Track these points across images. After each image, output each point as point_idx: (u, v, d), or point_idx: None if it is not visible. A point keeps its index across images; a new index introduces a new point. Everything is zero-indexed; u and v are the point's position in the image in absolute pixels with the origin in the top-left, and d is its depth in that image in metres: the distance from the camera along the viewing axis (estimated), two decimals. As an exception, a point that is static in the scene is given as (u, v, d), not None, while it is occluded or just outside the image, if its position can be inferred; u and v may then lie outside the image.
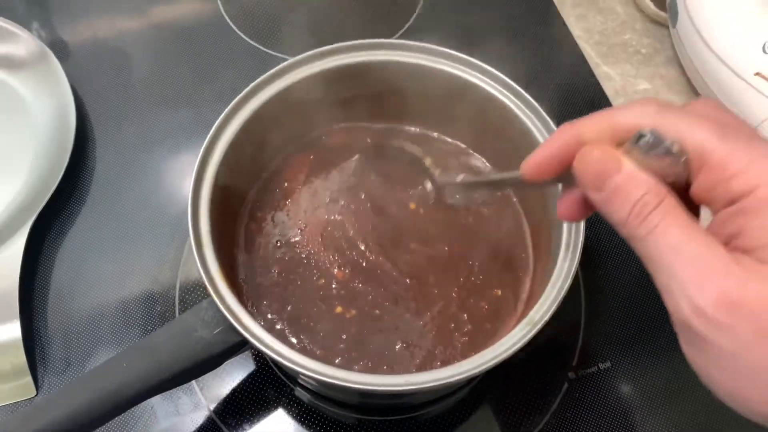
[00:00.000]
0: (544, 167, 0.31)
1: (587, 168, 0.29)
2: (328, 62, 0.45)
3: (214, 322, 0.37)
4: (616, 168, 0.28)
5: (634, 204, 0.27)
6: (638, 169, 0.27)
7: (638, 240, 0.27)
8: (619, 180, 0.27)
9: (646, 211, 0.26)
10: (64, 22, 0.68)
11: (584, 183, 0.29)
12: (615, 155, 0.28)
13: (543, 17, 0.68)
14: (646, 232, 0.26)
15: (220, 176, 0.42)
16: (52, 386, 0.49)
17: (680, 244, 0.26)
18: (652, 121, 0.27)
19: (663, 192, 0.27)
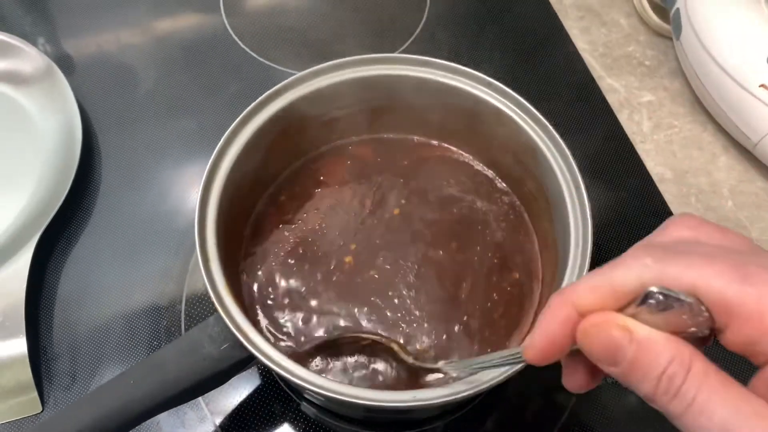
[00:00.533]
0: (550, 354, 0.27)
1: (594, 344, 0.25)
2: (334, 77, 0.45)
3: (221, 338, 0.37)
4: (627, 338, 0.24)
5: (659, 378, 0.23)
6: (652, 332, 0.23)
7: (675, 417, 0.23)
8: (633, 351, 0.24)
9: (676, 385, 0.23)
10: (70, 37, 0.68)
11: (595, 360, 0.25)
12: (622, 323, 0.24)
13: (546, 30, 0.68)
14: (681, 409, 0.23)
15: (227, 190, 0.42)
16: (58, 402, 0.49)
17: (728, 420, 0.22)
18: (655, 275, 0.24)
19: (688, 355, 0.23)
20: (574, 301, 0.25)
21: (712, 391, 0.22)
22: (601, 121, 0.62)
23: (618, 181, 0.59)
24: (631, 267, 0.25)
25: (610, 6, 0.70)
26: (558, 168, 0.42)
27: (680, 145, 0.61)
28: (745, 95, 0.56)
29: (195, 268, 0.54)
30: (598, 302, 0.25)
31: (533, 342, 0.27)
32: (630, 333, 0.24)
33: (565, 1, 0.70)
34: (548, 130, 0.43)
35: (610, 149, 0.61)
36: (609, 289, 0.25)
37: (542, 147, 0.43)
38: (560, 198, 0.42)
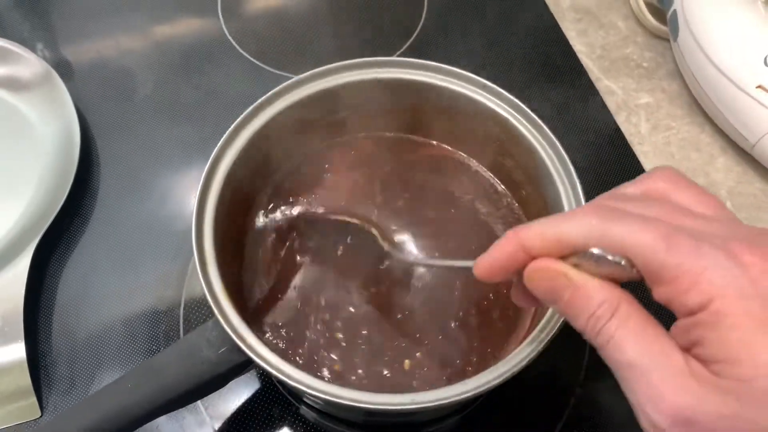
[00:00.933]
0: (495, 273, 0.31)
1: (537, 286, 0.29)
2: (331, 81, 0.45)
3: (218, 342, 0.37)
4: (565, 284, 0.28)
5: (589, 318, 0.27)
6: (588, 278, 0.27)
7: (598, 348, 0.27)
8: (570, 294, 0.28)
9: (601, 323, 0.26)
10: (68, 43, 0.69)
11: (539, 297, 0.29)
12: (562, 270, 0.28)
13: (544, 33, 0.68)
14: (603, 343, 0.26)
15: (224, 194, 0.42)
16: (57, 407, 0.49)
17: (635, 357, 0.25)
18: (597, 234, 0.27)
19: (617, 299, 0.27)
20: (524, 242, 0.29)
21: (629, 332, 0.26)
22: (599, 123, 0.62)
23: (616, 183, 0.58)
24: (579, 224, 0.28)
25: (607, 8, 0.70)
26: (555, 171, 0.42)
27: (678, 146, 0.61)
28: (742, 96, 0.56)
29: (193, 273, 0.54)
30: (544, 248, 0.28)
31: (482, 262, 0.31)
32: (568, 279, 0.28)
33: (563, 4, 0.70)
34: (545, 132, 0.43)
35: (608, 151, 0.61)
36: (555, 240, 0.28)
37: (540, 150, 0.43)
38: (558, 201, 0.42)
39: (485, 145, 0.48)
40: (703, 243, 0.25)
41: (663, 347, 0.25)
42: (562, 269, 0.28)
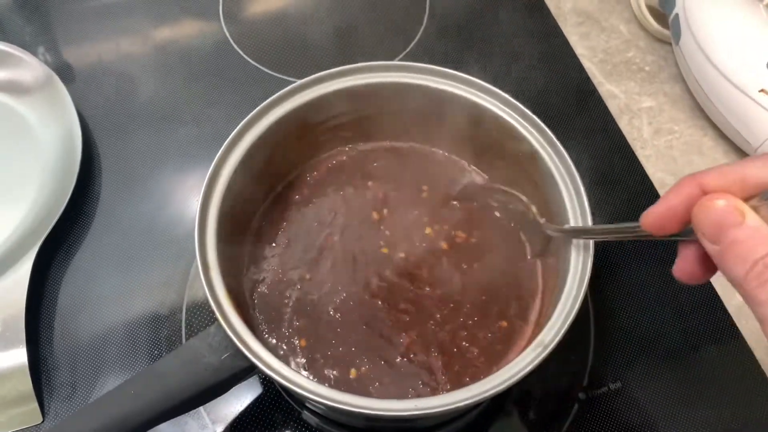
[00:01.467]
0: (666, 221, 0.29)
1: (707, 216, 0.27)
2: (334, 84, 0.45)
3: (221, 348, 0.37)
4: (739, 220, 0.26)
5: (755, 263, 0.25)
6: (763, 224, 0.25)
7: (756, 303, 0.25)
8: (740, 233, 0.25)
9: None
10: (69, 46, 0.68)
11: (701, 232, 0.27)
12: (740, 206, 0.26)
13: (546, 36, 0.68)
14: (766, 296, 0.24)
15: (227, 198, 0.42)
16: (59, 412, 0.49)
17: None
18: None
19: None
20: (701, 181, 0.27)
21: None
22: (601, 127, 0.62)
23: (618, 186, 0.59)
24: (765, 164, 0.26)
25: (609, 12, 0.70)
26: (558, 174, 0.42)
27: (680, 150, 0.61)
28: (745, 100, 0.56)
29: (195, 277, 0.54)
30: (725, 186, 0.27)
31: (652, 209, 0.29)
32: (743, 217, 0.25)
33: (564, 8, 0.70)
34: (548, 136, 0.43)
35: (610, 155, 0.61)
36: (738, 177, 0.26)
37: (542, 153, 0.43)
38: (561, 204, 0.42)
39: (488, 149, 0.48)
40: None
41: None
42: (738, 204, 0.26)
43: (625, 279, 0.54)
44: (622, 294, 0.53)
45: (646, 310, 0.52)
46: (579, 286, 0.38)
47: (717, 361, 0.50)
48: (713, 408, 0.49)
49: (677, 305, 0.52)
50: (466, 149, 0.49)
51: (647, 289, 0.53)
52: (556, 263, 0.43)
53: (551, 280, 0.44)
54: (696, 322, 0.52)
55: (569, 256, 0.40)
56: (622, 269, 0.54)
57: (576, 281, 0.38)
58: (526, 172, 0.45)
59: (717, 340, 0.51)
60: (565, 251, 0.41)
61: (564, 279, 0.39)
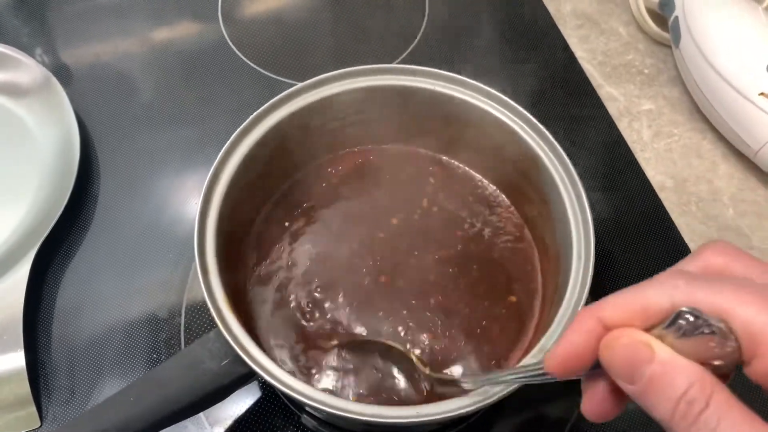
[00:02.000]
0: (571, 363, 0.26)
1: (614, 357, 0.25)
2: (334, 87, 0.45)
3: (221, 354, 0.37)
4: (649, 355, 0.23)
5: (678, 401, 0.23)
6: (675, 355, 0.23)
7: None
8: (653, 369, 0.23)
9: (696, 410, 0.22)
10: (67, 48, 0.68)
11: (615, 374, 0.25)
12: (645, 340, 0.24)
13: (545, 39, 0.68)
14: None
15: (227, 200, 0.42)
16: (57, 417, 0.49)
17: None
18: (687, 298, 0.23)
19: (710, 383, 0.22)
20: (601, 315, 0.25)
21: (736, 424, 0.22)
22: (601, 130, 0.62)
23: (618, 189, 0.59)
24: (663, 286, 0.24)
25: (608, 14, 0.70)
26: (559, 177, 0.42)
27: (680, 153, 0.61)
28: (744, 103, 0.56)
29: (194, 280, 0.54)
30: (626, 318, 0.25)
31: (555, 352, 0.27)
32: (652, 351, 0.23)
33: (564, 10, 0.70)
34: (548, 139, 0.43)
35: (610, 158, 0.61)
36: (638, 307, 0.25)
37: (543, 157, 0.43)
38: (561, 207, 0.42)
39: (487, 153, 0.47)
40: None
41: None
42: (645, 338, 0.24)
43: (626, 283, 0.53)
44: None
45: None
46: (580, 292, 0.38)
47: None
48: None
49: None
50: (466, 152, 0.49)
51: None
52: (556, 265, 0.43)
53: (551, 285, 0.43)
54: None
55: (570, 259, 0.40)
56: (623, 273, 0.54)
57: (577, 287, 0.38)
58: (527, 175, 0.45)
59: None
60: (566, 255, 0.40)
61: (565, 284, 0.39)
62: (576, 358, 0.26)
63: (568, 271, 0.39)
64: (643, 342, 0.24)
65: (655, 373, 0.23)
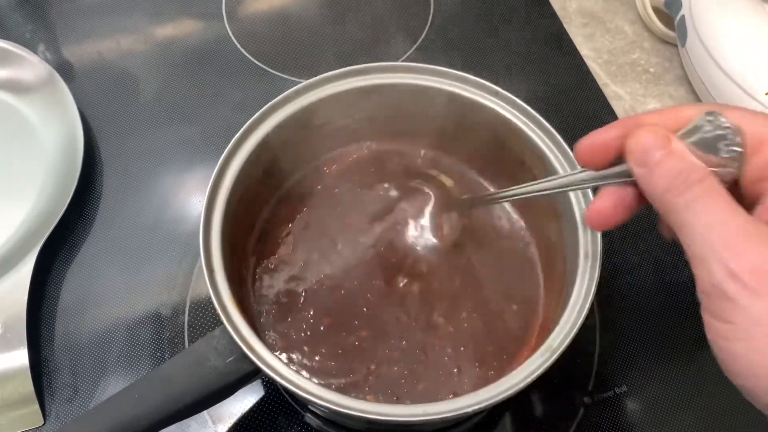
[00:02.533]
0: (597, 149, 0.32)
1: (637, 141, 0.30)
2: (340, 85, 0.45)
3: (226, 351, 0.37)
4: (665, 144, 0.29)
5: (678, 174, 0.28)
6: (687, 151, 0.28)
7: (676, 210, 0.28)
8: (666, 153, 0.28)
9: (689, 181, 0.27)
10: (71, 44, 0.68)
11: (631, 157, 0.30)
12: (667, 134, 0.29)
13: (550, 37, 0.68)
14: (686, 202, 0.27)
15: (232, 199, 0.41)
16: (60, 415, 0.48)
17: (723, 216, 0.26)
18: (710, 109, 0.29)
19: (708, 173, 0.28)
20: (640, 119, 0.31)
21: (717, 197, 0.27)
22: (607, 129, 0.62)
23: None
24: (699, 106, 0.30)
25: (614, 13, 0.69)
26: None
27: (686, 152, 0.61)
28: (751, 103, 0.56)
29: (198, 278, 0.54)
30: (659, 122, 0.30)
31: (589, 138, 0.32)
32: (669, 141, 0.29)
33: (569, 9, 0.70)
34: (555, 138, 0.43)
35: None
36: (673, 117, 0.30)
37: (549, 155, 0.43)
38: (568, 206, 0.41)
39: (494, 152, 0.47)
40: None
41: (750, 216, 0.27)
42: (668, 133, 0.29)
43: (632, 283, 0.53)
44: (628, 298, 0.53)
45: (652, 314, 0.52)
46: (587, 292, 0.38)
47: (723, 365, 0.50)
48: (721, 413, 0.48)
49: (683, 309, 0.52)
50: (472, 151, 0.49)
51: (653, 294, 0.53)
52: (563, 266, 0.42)
53: (557, 284, 0.43)
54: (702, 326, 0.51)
55: (576, 259, 0.39)
56: (628, 273, 0.54)
57: (584, 287, 0.38)
58: (532, 173, 0.45)
59: (723, 344, 0.51)
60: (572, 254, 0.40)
61: (571, 284, 0.39)
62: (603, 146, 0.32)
63: (575, 270, 0.39)
64: (664, 134, 0.29)
65: (666, 154, 0.28)
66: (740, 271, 0.25)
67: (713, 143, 0.28)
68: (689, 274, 0.28)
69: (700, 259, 0.26)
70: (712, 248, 0.26)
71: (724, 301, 0.25)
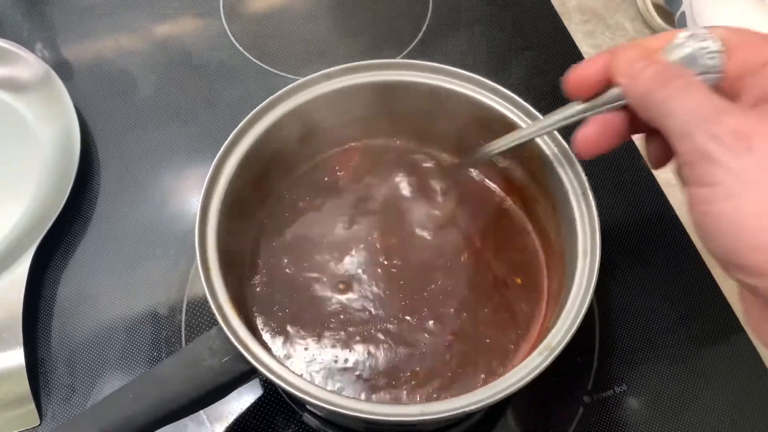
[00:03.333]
0: (584, 79, 0.33)
1: (621, 57, 0.31)
2: (337, 83, 0.45)
3: (222, 351, 0.37)
4: (648, 55, 0.31)
5: (660, 74, 0.29)
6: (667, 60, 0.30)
7: (658, 103, 0.29)
8: (648, 62, 0.30)
9: (670, 76, 0.29)
10: (68, 43, 0.68)
11: (617, 72, 0.31)
12: (650, 50, 0.31)
13: (550, 34, 0.67)
14: (667, 94, 0.29)
15: (228, 197, 0.41)
16: (57, 414, 0.48)
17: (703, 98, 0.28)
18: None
19: (687, 71, 0.29)
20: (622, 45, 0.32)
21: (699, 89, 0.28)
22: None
23: (624, 186, 0.58)
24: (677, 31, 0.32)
25: (614, 9, 0.69)
26: (564, 174, 0.42)
27: (686, 150, 0.60)
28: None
29: (195, 277, 0.53)
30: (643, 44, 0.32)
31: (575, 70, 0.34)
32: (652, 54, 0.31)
33: (569, 5, 0.69)
34: (554, 135, 0.42)
35: (615, 154, 0.60)
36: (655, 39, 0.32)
37: (548, 153, 0.42)
38: (567, 204, 0.41)
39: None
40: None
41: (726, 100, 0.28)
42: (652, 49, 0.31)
43: (631, 281, 0.53)
44: (627, 296, 0.53)
45: (652, 313, 0.52)
46: (586, 289, 0.37)
47: (723, 364, 0.50)
48: (720, 411, 0.48)
49: (682, 308, 0.52)
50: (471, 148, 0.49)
51: (652, 292, 0.53)
52: (562, 263, 0.42)
53: (557, 282, 0.43)
54: (702, 325, 0.51)
55: (575, 256, 0.39)
56: (627, 272, 0.54)
57: (583, 284, 0.38)
58: (532, 171, 0.45)
59: (723, 343, 0.51)
60: (571, 252, 0.40)
61: (570, 282, 0.38)
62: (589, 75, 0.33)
63: (574, 268, 0.39)
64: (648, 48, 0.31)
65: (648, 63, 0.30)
66: (722, 133, 0.26)
67: (694, 57, 0.30)
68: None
69: (683, 135, 0.28)
70: (695, 122, 0.27)
71: (707, 164, 0.26)
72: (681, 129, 0.28)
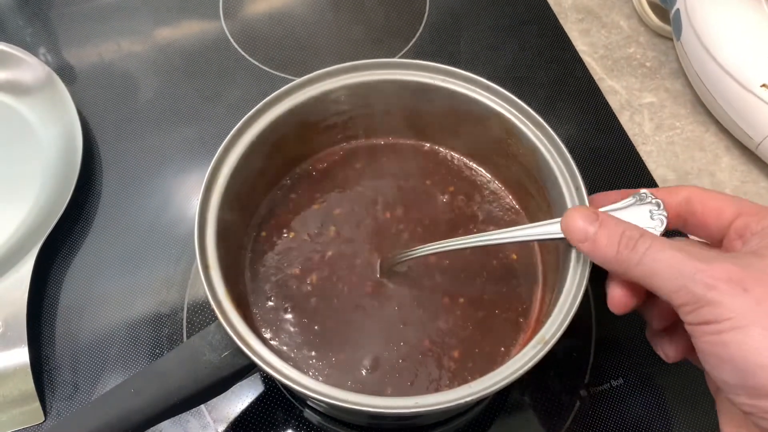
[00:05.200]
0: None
1: (568, 224, 0.34)
2: (334, 82, 0.45)
3: (222, 346, 0.37)
4: (594, 217, 0.33)
5: (620, 237, 0.32)
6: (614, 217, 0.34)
7: (635, 264, 0.31)
8: (598, 225, 0.33)
9: (634, 240, 0.31)
10: (70, 47, 0.68)
11: (572, 240, 0.34)
12: (592, 210, 0.34)
13: (546, 32, 0.68)
14: (641, 255, 0.31)
15: (227, 197, 0.42)
16: (61, 411, 0.49)
17: (677, 252, 0.30)
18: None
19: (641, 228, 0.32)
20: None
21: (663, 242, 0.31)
22: (602, 123, 0.62)
23: (620, 183, 0.59)
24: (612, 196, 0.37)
25: (610, 8, 0.69)
26: (558, 171, 0.42)
27: (682, 146, 0.61)
28: (746, 95, 0.56)
29: (197, 275, 0.54)
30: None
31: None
32: (596, 215, 0.34)
33: (565, 4, 0.70)
34: (548, 132, 0.43)
35: (611, 151, 0.60)
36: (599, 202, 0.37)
37: (542, 150, 0.43)
38: (561, 201, 0.42)
39: (488, 146, 0.47)
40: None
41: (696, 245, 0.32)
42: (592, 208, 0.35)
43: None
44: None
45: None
46: (579, 284, 0.38)
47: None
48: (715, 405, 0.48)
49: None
50: (466, 146, 0.49)
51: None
52: (556, 258, 0.43)
53: (551, 275, 0.43)
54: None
55: (570, 252, 0.39)
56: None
57: (576, 279, 0.38)
58: (527, 168, 0.45)
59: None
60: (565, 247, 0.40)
61: (564, 274, 0.39)
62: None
63: (567, 262, 0.39)
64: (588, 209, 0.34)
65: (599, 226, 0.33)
66: (717, 282, 0.28)
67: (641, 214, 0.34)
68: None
69: (677, 290, 0.29)
70: (685, 276, 0.29)
71: (710, 307, 0.28)
72: (673, 284, 0.29)
